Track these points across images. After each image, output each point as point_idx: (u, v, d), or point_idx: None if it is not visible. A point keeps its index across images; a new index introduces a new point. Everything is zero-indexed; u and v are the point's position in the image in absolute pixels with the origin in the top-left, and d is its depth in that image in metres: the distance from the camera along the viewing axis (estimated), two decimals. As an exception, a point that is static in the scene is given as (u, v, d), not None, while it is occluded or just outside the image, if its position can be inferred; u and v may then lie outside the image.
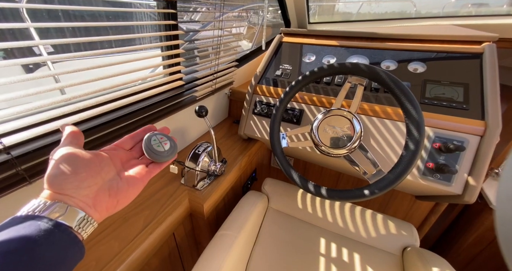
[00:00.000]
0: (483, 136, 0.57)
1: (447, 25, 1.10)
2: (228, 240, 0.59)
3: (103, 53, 0.50)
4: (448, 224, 1.45)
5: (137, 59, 0.57)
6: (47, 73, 0.43)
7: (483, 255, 1.23)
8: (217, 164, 0.72)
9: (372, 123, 0.70)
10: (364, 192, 0.53)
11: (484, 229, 1.17)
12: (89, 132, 0.52)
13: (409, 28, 1.09)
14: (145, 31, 0.59)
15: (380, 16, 5.04)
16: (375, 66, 0.56)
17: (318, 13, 5.68)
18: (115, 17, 0.63)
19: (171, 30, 0.61)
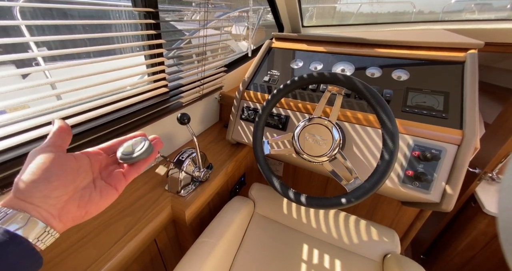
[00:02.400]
0: (460, 145, 0.58)
1: (439, 30, 1.11)
2: (207, 247, 0.60)
3: (89, 63, 0.51)
4: (441, 229, 1.45)
5: (121, 68, 0.58)
6: (30, 84, 0.43)
7: (477, 259, 1.24)
8: (202, 170, 0.72)
9: (354, 130, 0.71)
10: (341, 200, 0.54)
11: (477, 233, 1.18)
12: (74, 139, 0.53)
13: (400, 33, 1.10)
14: (128, 40, 0.59)
15: (382, 16, 5.04)
16: (353, 76, 0.57)
17: (318, 15, 5.70)
18: (98, 27, 0.63)
19: (154, 39, 0.61)
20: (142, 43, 0.59)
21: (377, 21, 1.27)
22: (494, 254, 1.17)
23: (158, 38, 0.62)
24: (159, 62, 0.66)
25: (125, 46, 0.55)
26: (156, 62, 0.65)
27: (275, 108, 0.84)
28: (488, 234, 1.15)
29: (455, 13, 3.63)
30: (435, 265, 1.40)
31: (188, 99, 0.81)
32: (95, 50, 0.52)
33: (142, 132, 0.36)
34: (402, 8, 4.71)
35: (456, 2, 3.73)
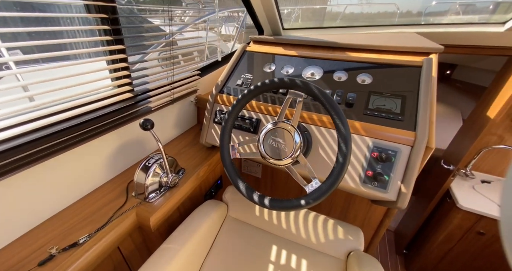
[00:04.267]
0: (413, 146, 0.61)
1: (411, 34, 1.15)
2: (168, 254, 0.60)
3: (53, 67, 0.50)
4: (421, 224, 1.51)
5: (80, 73, 0.57)
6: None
7: (454, 251, 1.30)
8: (169, 176, 0.72)
9: (320, 133, 0.73)
10: (301, 202, 0.56)
11: (452, 227, 1.24)
12: (34, 144, 0.51)
13: (373, 37, 1.13)
14: (88, 45, 0.59)
15: (369, 17, 5.17)
16: (311, 82, 0.58)
17: (308, 16, 5.77)
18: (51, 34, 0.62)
19: (114, 44, 0.61)
20: (97, 49, 0.58)
21: (363, 22, 1.31)
22: (469, 246, 1.24)
23: (120, 43, 0.61)
24: (123, 67, 0.65)
25: (82, 52, 0.54)
26: (119, 67, 0.64)
27: (248, 111, 0.85)
28: (463, 227, 1.21)
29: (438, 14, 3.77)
30: (417, 258, 1.46)
31: (158, 103, 0.80)
32: (52, 56, 0.51)
33: None
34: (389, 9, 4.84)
35: (437, 4, 3.87)
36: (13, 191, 0.53)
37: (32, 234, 0.57)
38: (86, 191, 0.70)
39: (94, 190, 0.71)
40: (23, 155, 0.50)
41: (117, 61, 0.64)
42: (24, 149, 0.50)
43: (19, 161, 0.49)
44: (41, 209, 0.60)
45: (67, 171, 0.63)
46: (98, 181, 0.73)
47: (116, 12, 0.58)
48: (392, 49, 0.87)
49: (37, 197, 0.58)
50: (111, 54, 0.62)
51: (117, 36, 0.59)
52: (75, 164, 0.65)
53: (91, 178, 0.71)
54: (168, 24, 0.69)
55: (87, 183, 0.70)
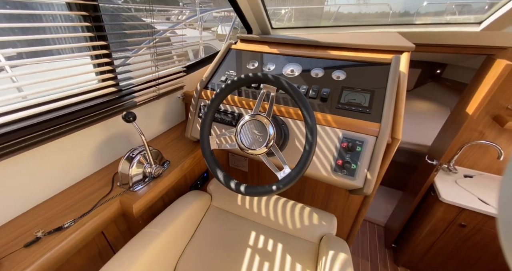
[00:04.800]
0: (377, 136, 0.65)
1: (392, 33, 1.20)
2: (149, 237, 0.64)
3: (38, 61, 0.53)
4: (407, 218, 1.56)
5: (66, 67, 0.60)
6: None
7: (438, 244, 1.35)
8: (153, 166, 0.76)
9: (296, 126, 0.77)
10: (272, 187, 0.60)
11: (436, 220, 1.29)
12: (22, 132, 0.55)
13: (356, 36, 1.17)
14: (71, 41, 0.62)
15: (363, 16, 5.22)
16: (281, 77, 0.62)
17: (303, 16, 5.81)
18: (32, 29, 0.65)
19: (97, 40, 0.64)
20: (79, 45, 0.61)
21: (352, 22, 1.35)
22: (452, 238, 1.29)
23: (102, 40, 0.65)
24: (106, 62, 0.69)
25: (65, 47, 0.58)
26: (102, 62, 0.68)
27: (230, 106, 0.88)
28: (445, 220, 1.26)
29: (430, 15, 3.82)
30: (404, 252, 1.51)
31: (143, 98, 0.84)
32: (36, 50, 0.54)
33: None
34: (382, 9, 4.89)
35: (429, 4, 3.91)
36: (1, 178, 0.57)
37: (20, 220, 0.60)
38: (73, 180, 0.73)
39: (81, 180, 0.75)
40: (13, 142, 0.54)
41: (101, 56, 0.67)
42: (12, 136, 0.54)
43: (9, 147, 0.53)
44: (28, 196, 0.64)
45: (55, 160, 0.67)
46: (85, 171, 0.76)
47: (98, 10, 0.62)
48: (368, 48, 0.92)
49: (25, 184, 0.62)
50: (94, 50, 0.66)
51: (99, 33, 0.63)
52: (62, 154, 0.68)
53: (78, 169, 0.74)
54: (150, 22, 0.73)
55: (74, 173, 0.73)
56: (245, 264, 0.69)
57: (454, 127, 1.33)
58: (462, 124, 1.22)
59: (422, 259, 1.50)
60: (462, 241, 1.30)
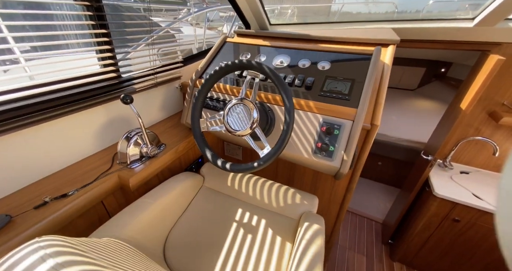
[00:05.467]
0: (354, 120, 0.69)
1: (384, 29, 1.22)
2: (142, 205, 0.71)
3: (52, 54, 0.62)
4: (403, 213, 1.57)
5: (71, 51, 0.69)
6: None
7: (433, 238, 1.37)
8: (149, 146, 0.83)
9: (282, 112, 0.82)
10: (254, 164, 0.65)
11: (430, 214, 1.31)
12: (30, 108, 0.63)
13: (348, 31, 1.21)
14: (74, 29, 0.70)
15: (373, 15, 5.19)
16: (265, 64, 0.68)
17: (305, 14, 5.84)
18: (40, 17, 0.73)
19: (99, 28, 0.73)
20: (82, 32, 0.69)
21: (358, 19, 1.38)
22: (446, 233, 1.30)
23: (103, 28, 0.73)
24: (107, 49, 0.77)
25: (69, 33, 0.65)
26: (104, 49, 0.76)
27: (222, 94, 0.95)
28: (439, 214, 1.27)
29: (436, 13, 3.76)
30: (399, 247, 1.52)
31: (142, 86, 0.91)
32: (45, 34, 0.62)
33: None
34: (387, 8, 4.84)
35: (435, 3, 3.85)
36: (16, 148, 0.65)
37: (31, 187, 0.69)
38: (78, 157, 0.81)
39: (84, 158, 0.83)
40: (28, 116, 0.62)
41: (102, 43, 0.75)
42: (26, 110, 0.62)
43: (24, 120, 0.62)
44: (39, 167, 0.72)
45: (63, 137, 0.75)
46: (89, 150, 0.84)
47: (100, 1, 0.70)
48: (355, 41, 0.96)
49: (36, 157, 0.70)
50: (97, 37, 0.74)
51: (100, 22, 0.71)
52: (69, 132, 0.77)
53: (83, 147, 0.82)
54: (148, 17, 0.80)
55: (78, 151, 0.81)
56: (230, 236, 0.75)
57: (449, 123, 1.34)
58: (456, 120, 1.23)
59: (417, 254, 1.50)
60: (456, 236, 1.30)
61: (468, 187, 1.27)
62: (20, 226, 0.56)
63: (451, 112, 1.35)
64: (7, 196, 0.65)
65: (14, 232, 0.55)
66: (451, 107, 1.38)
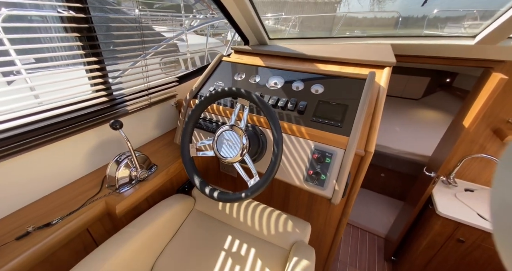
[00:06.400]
0: (345, 149, 0.67)
1: (383, 45, 1.20)
2: (126, 235, 0.69)
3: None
4: (406, 230, 1.52)
5: (66, 79, 0.69)
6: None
7: (437, 258, 1.31)
8: (139, 170, 0.82)
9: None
10: (241, 195, 0.63)
11: (434, 233, 1.26)
12: (21, 136, 0.63)
13: (347, 48, 1.19)
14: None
15: (378, 20, 5.18)
16: (253, 92, 0.66)
17: (311, 22, 5.89)
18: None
19: (91, 55, 0.72)
20: (75, 61, 0.70)
21: (354, 33, 1.36)
22: (450, 254, 1.24)
23: (96, 56, 0.73)
24: (99, 75, 0.77)
25: (62, 63, 0.66)
26: (96, 75, 0.76)
27: (215, 115, 0.93)
28: (443, 234, 1.22)
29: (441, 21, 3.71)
30: (403, 265, 1.47)
31: (135, 107, 0.91)
32: (41, 66, 0.63)
33: None
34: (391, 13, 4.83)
35: (440, 11, 3.81)
36: (3, 176, 0.65)
37: (15, 215, 0.68)
38: (67, 181, 0.81)
39: (73, 181, 0.82)
40: (12, 145, 0.62)
41: (94, 70, 0.75)
42: (12, 140, 0.62)
43: (8, 150, 0.61)
44: (25, 194, 0.71)
45: (50, 163, 0.75)
46: (78, 173, 0.84)
47: (93, 31, 0.70)
48: (351, 62, 0.94)
49: (23, 183, 0.70)
50: (89, 65, 0.73)
51: (93, 50, 0.71)
52: (57, 157, 0.76)
53: (72, 171, 0.82)
54: (141, 40, 0.80)
55: (67, 175, 0.81)
56: (218, 265, 0.73)
57: (453, 138, 1.30)
58: (460, 136, 1.19)
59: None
60: (461, 257, 1.25)
61: (473, 206, 1.22)
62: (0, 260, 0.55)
63: (455, 128, 1.31)
64: (-8, 225, 0.64)
65: (-7, 267, 0.53)
66: (455, 122, 1.34)
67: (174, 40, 2.08)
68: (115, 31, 0.80)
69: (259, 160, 0.82)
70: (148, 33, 0.87)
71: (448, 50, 1.14)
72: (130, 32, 0.83)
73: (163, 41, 1.29)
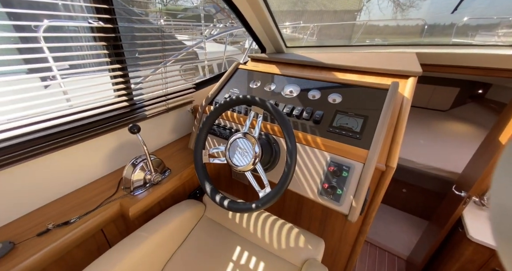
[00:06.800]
0: (364, 163, 0.62)
1: (407, 54, 1.15)
2: (136, 239, 0.69)
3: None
4: (432, 253, 1.39)
5: (94, 84, 0.74)
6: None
7: None
8: (153, 174, 0.83)
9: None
10: (252, 206, 0.61)
11: (464, 260, 1.13)
12: (45, 139, 0.67)
13: (367, 56, 1.15)
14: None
15: (401, 28, 5.00)
16: (268, 100, 0.65)
17: (325, 27, 5.86)
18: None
19: (116, 63, 0.77)
20: (101, 68, 0.74)
21: (374, 41, 1.33)
22: None
23: (120, 63, 0.77)
24: (122, 82, 0.81)
25: (90, 70, 0.70)
26: (119, 82, 0.80)
27: (229, 122, 0.94)
28: (475, 261, 1.10)
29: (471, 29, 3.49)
30: None
31: (153, 112, 0.94)
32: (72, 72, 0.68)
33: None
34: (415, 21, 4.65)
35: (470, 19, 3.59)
36: (27, 175, 0.69)
37: (39, 211, 0.72)
38: (87, 181, 0.84)
39: (92, 182, 0.85)
40: (40, 145, 0.66)
41: (118, 76, 0.80)
42: (38, 141, 0.66)
43: (36, 150, 0.65)
44: (48, 192, 0.75)
45: (73, 163, 0.79)
46: (97, 174, 0.87)
47: (118, 40, 0.75)
48: (372, 71, 0.90)
49: (46, 182, 0.74)
50: (113, 71, 0.78)
51: (117, 58, 0.75)
52: (80, 157, 0.80)
53: (91, 171, 0.85)
54: (162, 48, 0.84)
55: (87, 175, 0.84)
56: None
57: (487, 155, 1.18)
58: (495, 153, 1.08)
59: None
60: None
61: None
62: (21, 255, 0.58)
63: (490, 144, 1.19)
64: (16, 220, 0.68)
65: (13, 261, 0.56)
66: (490, 138, 1.21)
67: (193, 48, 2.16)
68: (138, 40, 0.84)
69: (271, 169, 0.80)
70: (170, 42, 0.91)
71: (481, 60, 1.05)
72: (153, 41, 0.88)
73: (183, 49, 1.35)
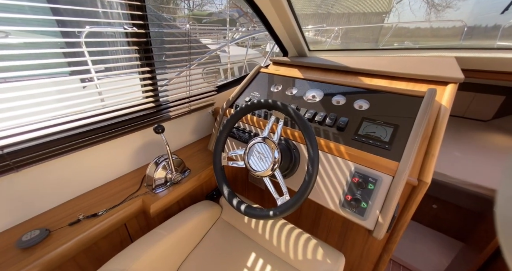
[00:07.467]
0: (394, 176, 0.57)
1: (445, 58, 1.05)
2: (155, 237, 0.71)
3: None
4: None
5: (125, 86, 0.79)
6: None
7: None
8: (174, 173, 0.86)
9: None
10: (269, 213, 0.60)
11: None
12: (81, 135, 0.73)
13: (397, 61, 1.08)
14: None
15: (436, 30, 4.62)
16: (290, 105, 0.63)
17: (348, 36, 5.66)
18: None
19: (145, 67, 0.82)
20: (133, 70, 0.79)
21: (404, 45, 1.25)
22: None
23: (149, 66, 0.82)
24: (150, 84, 0.86)
25: (123, 72, 0.75)
26: (147, 84, 0.85)
27: (248, 125, 0.93)
28: None
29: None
30: None
31: (176, 113, 0.98)
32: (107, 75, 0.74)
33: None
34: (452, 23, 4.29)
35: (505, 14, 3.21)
36: (61, 170, 0.75)
37: (70, 203, 0.77)
38: (112, 177, 0.90)
39: (118, 177, 0.91)
40: (75, 142, 0.72)
41: (146, 79, 0.84)
42: (72, 138, 0.72)
43: (73, 145, 0.71)
44: (79, 185, 0.81)
45: (104, 158, 0.84)
46: (123, 170, 0.92)
47: (149, 44, 0.79)
48: (404, 76, 0.83)
49: (77, 176, 0.80)
50: (143, 74, 0.83)
51: (147, 61, 0.80)
52: (110, 153, 0.85)
53: (118, 167, 0.91)
54: (188, 52, 0.87)
55: (115, 170, 0.90)
56: None
57: None
58: None
59: None
60: None
61: None
62: (55, 242, 0.63)
63: None
64: (52, 209, 0.75)
65: (49, 247, 0.61)
66: None
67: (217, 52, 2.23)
68: (167, 44, 0.88)
69: (290, 175, 0.78)
70: (195, 46, 0.94)
71: None
72: (180, 45, 0.91)
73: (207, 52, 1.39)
